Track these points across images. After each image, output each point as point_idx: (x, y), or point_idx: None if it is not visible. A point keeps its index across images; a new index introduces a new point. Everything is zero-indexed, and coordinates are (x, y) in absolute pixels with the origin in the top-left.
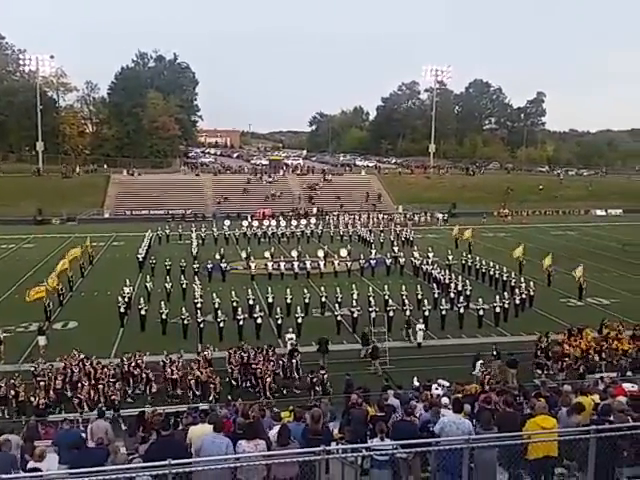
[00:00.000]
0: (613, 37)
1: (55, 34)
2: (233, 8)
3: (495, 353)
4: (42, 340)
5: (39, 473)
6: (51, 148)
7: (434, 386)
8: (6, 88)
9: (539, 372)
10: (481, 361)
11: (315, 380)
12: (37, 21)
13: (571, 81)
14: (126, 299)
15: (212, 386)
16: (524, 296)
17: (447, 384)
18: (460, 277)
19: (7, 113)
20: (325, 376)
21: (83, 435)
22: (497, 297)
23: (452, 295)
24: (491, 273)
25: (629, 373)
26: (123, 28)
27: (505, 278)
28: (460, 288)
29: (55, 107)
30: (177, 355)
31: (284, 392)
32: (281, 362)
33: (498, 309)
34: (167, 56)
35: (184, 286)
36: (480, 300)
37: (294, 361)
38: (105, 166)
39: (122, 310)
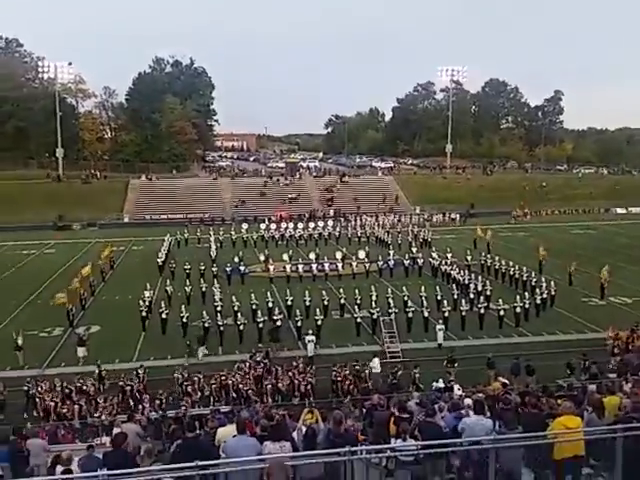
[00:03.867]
0: (630, 33)
1: (73, 41)
2: (246, 11)
3: (489, 362)
4: (81, 351)
5: (71, 475)
6: (71, 154)
7: (456, 387)
8: (25, 96)
9: (568, 372)
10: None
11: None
12: (55, 28)
13: (588, 79)
14: (147, 303)
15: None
16: (545, 296)
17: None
18: (479, 277)
19: (27, 120)
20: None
21: None
22: (517, 297)
23: (472, 295)
24: (511, 273)
25: None
26: (140, 33)
27: (525, 278)
28: (480, 288)
29: (74, 113)
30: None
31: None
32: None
33: (519, 309)
34: (184, 61)
35: (204, 289)
36: (500, 300)
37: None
38: (123, 171)
39: (143, 314)
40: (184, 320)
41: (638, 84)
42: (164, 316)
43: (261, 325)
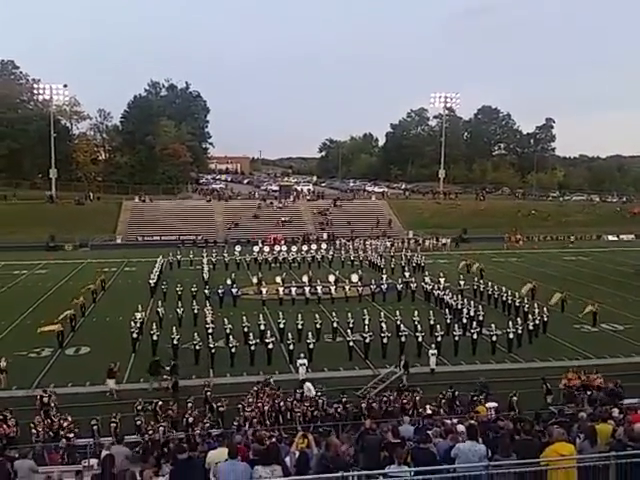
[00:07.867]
0: (623, 63)
1: (69, 63)
2: (244, 36)
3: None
4: (111, 383)
5: None
6: (64, 175)
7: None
8: (20, 117)
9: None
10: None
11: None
12: (52, 51)
13: (579, 107)
14: (138, 324)
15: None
16: (537, 322)
17: None
18: (472, 302)
19: (21, 141)
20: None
21: None
22: (510, 323)
23: (464, 320)
24: (503, 299)
25: None
26: (136, 58)
27: (518, 304)
28: (472, 313)
29: (68, 135)
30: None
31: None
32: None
33: (511, 335)
34: (179, 85)
35: (195, 311)
36: (493, 326)
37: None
38: (117, 193)
39: (134, 335)
40: (175, 342)
41: (628, 113)
42: (155, 338)
43: (253, 348)
